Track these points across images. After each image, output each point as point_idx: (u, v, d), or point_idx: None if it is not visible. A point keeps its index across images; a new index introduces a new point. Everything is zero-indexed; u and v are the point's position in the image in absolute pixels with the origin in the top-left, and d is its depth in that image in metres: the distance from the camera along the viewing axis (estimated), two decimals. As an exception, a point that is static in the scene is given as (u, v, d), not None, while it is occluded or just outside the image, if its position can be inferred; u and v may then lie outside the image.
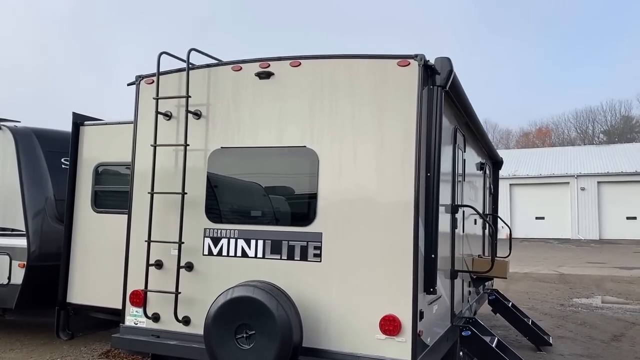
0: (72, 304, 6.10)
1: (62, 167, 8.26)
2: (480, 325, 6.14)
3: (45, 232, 7.65)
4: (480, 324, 6.15)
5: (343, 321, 4.43)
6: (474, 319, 6.20)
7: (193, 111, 5.08)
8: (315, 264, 4.57)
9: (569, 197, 40.00)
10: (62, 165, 8.28)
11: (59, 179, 8.12)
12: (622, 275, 18.69)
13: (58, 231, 7.84)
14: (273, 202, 4.87)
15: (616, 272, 19.87)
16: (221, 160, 4.99)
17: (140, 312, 5.12)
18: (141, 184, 5.27)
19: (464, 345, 5.83)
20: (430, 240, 4.40)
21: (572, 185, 40.03)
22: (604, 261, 23.64)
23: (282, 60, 4.86)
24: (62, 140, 8.55)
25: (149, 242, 5.01)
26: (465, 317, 6.29)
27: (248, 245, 4.80)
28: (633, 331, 9.97)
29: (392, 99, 4.46)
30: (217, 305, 4.35)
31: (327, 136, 4.65)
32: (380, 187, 4.44)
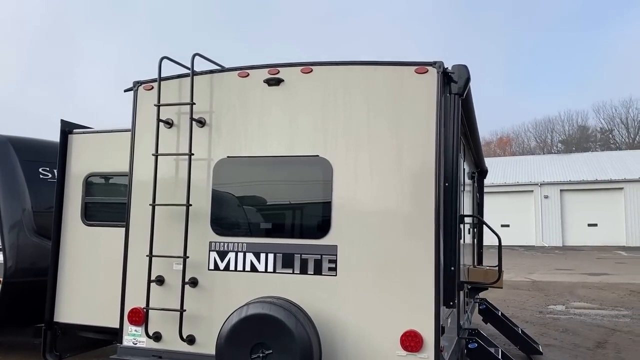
0: (59, 323, 5.73)
1: (40, 178, 7.85)
2: (483, 336, 6.06)
3: (23, 246, 7.22)
4: (483, 335, 6.07)
5: (361, 338, 4.25)
6: (476, 330, 6.12)
7: (197, 119, 4.85)
8: (330, 277, 4.39)
9: (533, 205, 40.90)
10: (40, 175, 7.87)
11: (37, 189, 7.70)
12: (591, 281, 19.07)
13: (36, 245, 7.42)
14: (284, 213, 4.67)
15: (585, 278, 20.28)
16: (227, 169, 4.77)
17: (140, 331, 4.83)
18: (140, 195, 4.99)
19: (471, 357, 5.73)
20: (450, 252, 4.28)
21: (536, 193, 40.96)
22: (571, 268, 24.11)
23: (292, 67, 4.69)
24: (39, 149, 8.13)
25: (151, 256, 4.74)
26: (468, 328, 6.20)
27: (257, 259, 4.58)
28: (615, 337, 10.11)
29: (410, 107, 4.34)
30: (230, 324, 4.12)
31: (341, 145, 4.48)
32: (399, 198, 4.30)
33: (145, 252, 4.85)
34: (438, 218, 4.18)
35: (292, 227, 4.64)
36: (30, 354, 8.45)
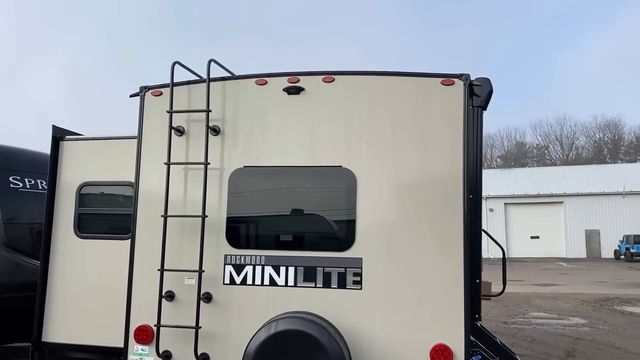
0: (48, 342, 5.31)
1: (10, 187, 7.36)
2: (482, 348, 6.08)
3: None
4: (482, 347, 6.09)
5: (389, 353, 4.16)
6: (475, 342, 6.14)
7: (211, 127, 4.66)
8: (355, 291, 4.28)
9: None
10: (11, 184, 7.39)
11: (8, 200, 7.22)
12: (544, 291, 19.76)
13: (6, 259, 6.94)
14: (305, 225, 4.54)
15: (537, 289, 21.00)
16: (244, 179, 4.60)
17: (147, 350, 4.55)
18: (147, 206, 4.73)
19: (475, 370, 5.73)
20: (475, 265, 4.28)
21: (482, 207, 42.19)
22: (521, 279, 24.89)
23: (313, 75, 4.58)
24: (10, 157, 7.64)
25: (162, 270, 4.48)
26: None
27: (277, 272, 4.42)
28: (581, 346, 10.46)
29: (437, 119, 4.33)
30: (258, 341, 3.93)
31: (365, 156, 4.41)
32: (427, 210, 4.26)
33: (152, 266, 4.59)
34: (466, 230, 4.17)
35: (314, 240, 4.51)
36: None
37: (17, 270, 7.12)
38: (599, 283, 23.33)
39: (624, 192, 45.18)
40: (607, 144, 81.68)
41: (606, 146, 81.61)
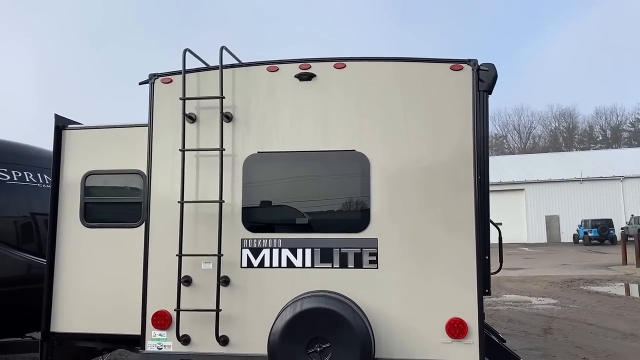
0: (57, 333, 5.26)
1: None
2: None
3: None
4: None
5: (405, 327, 4.34)
6: None
7: (224, 113, 4.71)
8: (371, 270, 4.44)
9: (444, 206, 42.94)
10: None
11: (-8, 191, 7.09)
12: (512, 275, 20.39)
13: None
14: (321, 208, 4.65)
15: (505, 272, 21.59)
16: (258, 165, 4.67)
17: (165, 335, 4.60)
18: (160, 194, 4.75)
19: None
20: (484, 242, 4.48)
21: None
22: (488, 264, 25.55)
23: (324, 62, 4.69)
24: (-8, 147, 7.48)
25: (180, 256, 4.53)
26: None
27: (294, 254, 4.53)
28: (556, 324, 10.93)
29: (446, 103, 4.50)
30: (284, 320, 4.05)
31: (378, 140, 4.55)
32: (439, 191, 4.44)
33: (167, 252, 4.64)
34: (477, 209, 4.37)
35: (330, 222, 4.63)
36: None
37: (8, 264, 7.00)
38: (562, 266, 24.25)
39: (582, 179, 46.92)
40: (563, 133, 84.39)
41: (561, 135, 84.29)
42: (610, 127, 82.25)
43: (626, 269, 21.52)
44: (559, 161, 51.84)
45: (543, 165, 49.41)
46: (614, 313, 12.04)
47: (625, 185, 46.38)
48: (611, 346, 8.84)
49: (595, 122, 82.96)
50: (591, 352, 8.40)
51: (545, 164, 50.26)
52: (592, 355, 8.25)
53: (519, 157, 55.76)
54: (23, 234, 7.31)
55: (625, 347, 8.77)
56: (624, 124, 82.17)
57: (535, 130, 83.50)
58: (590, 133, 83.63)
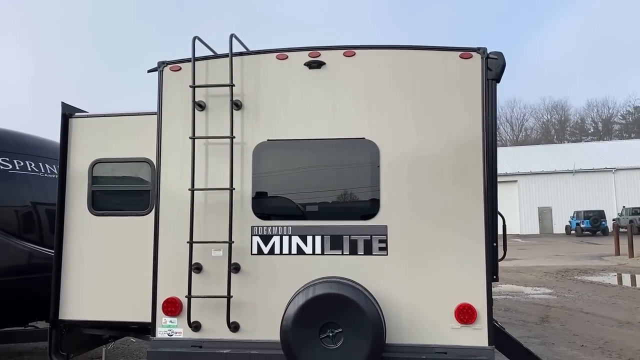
0: (65, 320, 5.28)
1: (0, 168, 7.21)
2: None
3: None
4: None
5: (415, 313, 4.39)
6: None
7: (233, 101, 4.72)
8: (381, 257, 4.48)
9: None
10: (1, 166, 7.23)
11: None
12: (507, 265, 20.53)
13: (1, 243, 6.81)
14: (331, 196, 4.68)
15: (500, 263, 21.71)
16: (268, 153, 4.69)
17: (175, 322, 4.63)
18: (169, 182, 4.76)
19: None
20: (492, 229, 4.53)
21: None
22: (483, 254, 25.74)
23: (334, 50, 4.70)
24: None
25: (191, 243, 4.55)
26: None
27: (304, 241, 4.56)
28: (553, 312, 11.08)
29: (456, 91, 4.53)
30: (296, 306, 4.08)
31: (387, 128, 4.58)
32: (449, 178, 4.47)
33: (177, 239, 4.66)
34: (486, 196, 4.42)
35: (339, 209, 4.66)
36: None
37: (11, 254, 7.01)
38: (556, 256, 24.48)
39: (574, 171, 47.27)
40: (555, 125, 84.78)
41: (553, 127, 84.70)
42: (602, 119, 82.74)
43: (619, 260, 21.77)
44: (552, 153, 52.18)
45: (536, 157, 49.70)
46: (609, 302, 12.21)
47: (617, 177, 46.79)
48: (608, 334, 8.98)
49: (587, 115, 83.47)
50: (588, 340, 8.53)
51: (538, 156, 50.57)
52: (590, 342, 8.37)
53: (512, 149, 55.99)
54: (25, 223, 7.30)
55: (622, 335, 8.92)
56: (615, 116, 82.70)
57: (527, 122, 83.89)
58: (581, 125, 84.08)
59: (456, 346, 4.31)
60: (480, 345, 4.30)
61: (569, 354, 7.67)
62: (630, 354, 7.63)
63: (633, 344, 8.24)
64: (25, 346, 8.65)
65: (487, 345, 4.30)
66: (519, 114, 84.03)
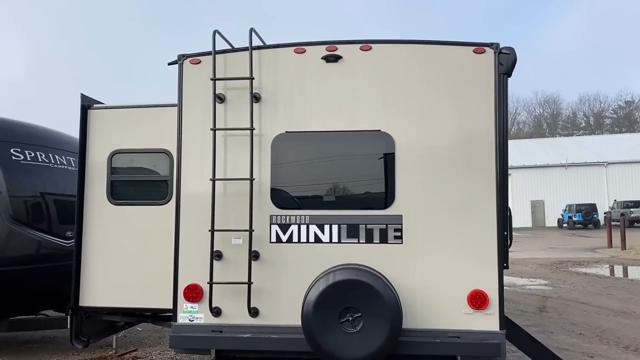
0: (85, 307, 5.41)
1: (12, 159, 7.30)
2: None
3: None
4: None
5: (429, 299, 4.55)
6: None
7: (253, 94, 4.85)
8: (396, 245, 4.64)
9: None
10: (13, 157, 7.32)
11: (11, 172, 7.16)
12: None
13: (13, 232, 6.92)
14: (348, 186, 4.83)
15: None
16: (286, 144, 4.83)
17: (196, 308, 4.77)
18: (190, 172, 4.89)
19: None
20: (503, 218, 4.70)
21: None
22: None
23: (350, 44, 4.83)
24: (9, 129, 7.54)
25: (213, 231, 4.69)
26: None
27: (322, 230, 4.72)
28: (550, 303, 11.30)
29: (469, 85, 4.68)
30: (317, 291, 4.24)
31: (402, 120, 4.73)
32: (462, 170, 4.64)
33: (197, 228, 4.79)
34: (498, 187, 4.59)
35: (356, 199, 4.81)
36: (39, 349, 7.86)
37: (23, 243, 7.11)
38: (549, 249, 24.81)
39: (567, 164, 47.75)
40: (547, 119, 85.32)
41: (545, 121, 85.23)
42: (593, 113, 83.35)
43: (612, 252, 22.12)
44: (545, 147, 52.63)
45: (529, 151, 50.10)
46: (604, 292, 12.46)
47: (608, 170, 47.33)
48: (604, 322, 9.21)
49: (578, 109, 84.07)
50: (586, 328, 8.76)
51: (531, 149, 50.98)
52: (588, 331, 8.60)
53: (505, 143, 56.43)
54: (36, 213, 7.41)
55: (618, 324, 9.15)
56: (607, 110, 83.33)
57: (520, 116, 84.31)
58: (573, 119, 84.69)
59: (469, 330, 4.49)
60: (492, 330, 4.48)
61: (568, 341, 7.87)
62: (627, 341, 7.85)
63: (629, 332, 8.46)
64: (32, 335, 8.76)
65: (498, 330, 4.48)
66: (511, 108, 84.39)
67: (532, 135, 73.59)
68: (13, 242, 6.99)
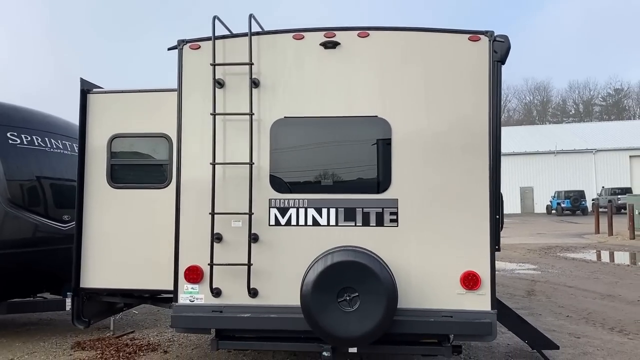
0: (85, 289, 5.51)
1: (9, 143, 7.33)
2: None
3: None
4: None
5: (424, 280, 4.70)
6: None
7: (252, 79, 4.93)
8: (392, 228, 4.77)
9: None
10: (9, 140, 7.35)
11: (8, 156, 7.20)
12: (491, 243, 21.05)
13: (12, 216, 6.98)
14: (345, 170, 4.94)
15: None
16: (285, 129, 4.92)
17: (197, 289, 4.89)
18: (190, 156, 4.98)
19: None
20: (495, 202, 4.84)
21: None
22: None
23: (348, 31, 4.92)
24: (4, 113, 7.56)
25: (213, 214, 4.80)
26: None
27: (319, 213, 4.83)
28: (538, 286, 11.54)
29: (464, 72, 4.79)
30: (316, 272, 4.37)
31: (399, 106, 4.84)
32: (457, 154, 4.76)
33: (198, 211, 4.90)
34: (491, 172, 4.72)
35: (353, 183, 4.92)
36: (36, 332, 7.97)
37: (21, 226, 7.18)
38: (538, 234, 25.16)
39: (556, 151, 48.18)
40: (537, 106, 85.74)
41: (535, 108, 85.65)
42: (583, 101, 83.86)
43: (599, 238, 22.47)
44: (534, 134, 53.02)
45: (519, 138, 50.44)
46: (591, 277, 12.73)
47: (597, 157, 47.83)
48: (591, 305, 9.45)
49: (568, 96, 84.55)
50: (573, 311, 8.98)
51: (521, 136, 51.33)
52: (575, 313, 8.82)
53: (495, 130, 56.72)
54: (33, 197, 7.46)
55: (604, 306, 9.39)
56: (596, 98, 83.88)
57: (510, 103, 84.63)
58: (563, 107, 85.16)
59: (461, 310, 4.64)
60: (484, 310, 4.64)
61: (556, 323, 8.09)
62: (612, 323, 8.08)
63: (615, 314, 8.70)
64: (29, 317, 8.86)
65: (490, 310, 4.65)
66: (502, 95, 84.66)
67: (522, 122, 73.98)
68: (10, 226, 7.05)
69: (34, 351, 6.74)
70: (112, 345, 6.76)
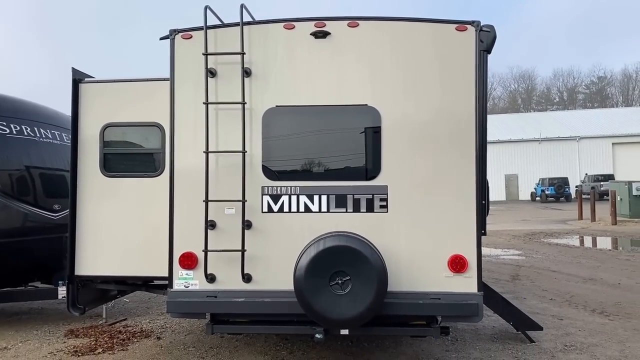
0: (80, 276, 5.58)
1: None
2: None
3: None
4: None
5: (412, 263, 4.84)
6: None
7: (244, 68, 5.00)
8: (382, 214, 4.90)
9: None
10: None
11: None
12: (477, 229, 21.33)
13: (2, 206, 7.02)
14: (335, 158, 5.05)
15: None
16: (277, 118, 5.01)
17: (191, 275, 4.99)
18: (182, 144, 5.05)
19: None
20: (482, 188, 4.98)
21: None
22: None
23: (339, 20, 5.00)
24: (-8, 102, 7.56)
25: (207, 201, 4.89)
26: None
27: (311, 200, 4.95)
28: (523, 271, 11.80)
29: (452, 61, 4.91)
30: (309, 257, 4.48)
31: (388, 95, 4.95)
32: (444, 142, 4.89)
33: (191, 199, 4.98)
34: (478, 159, 4.86)
35: (343, 171, 5.04)
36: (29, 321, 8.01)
37: (11, 216, 7.22)
38: (523, 221, 25.53)
39: (540, 139, 48.73)
40: (521, 94, 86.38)
41: (520, 96, 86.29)
42: (567, 89, 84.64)
43: (582, 224, 22.88)
44: (519, 122, 53.51)
45: (503, 126, 50.89)
46: (574, 261, 13.03)
47: (580, 145, 48.47)
48: (573, 289, 9.72)
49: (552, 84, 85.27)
50: (556, 294, 9.23)
51: (506, 124, 51.77)
52: (558, 296, 9.07)
53: (480, 118, 57.15)
54: (23, 186, 7.49)
55: (586, 289, 9.66)
56: (580, 86, 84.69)
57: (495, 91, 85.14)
58: (547, 95, 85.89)
59: (449, 292, 4.80)
60: (471, 292, 4.80)
61: (539, 306, 8.32)
62: (594, 305, 8.33)
63: (596, 297, 8.96)
64: (21, 306, 8.90)
65: (476, 292, 4.81)
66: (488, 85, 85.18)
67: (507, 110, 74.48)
68: (1, 215, 7.09)
69: (28, 339, 6.81)
70: (105, 333, 6.85)
